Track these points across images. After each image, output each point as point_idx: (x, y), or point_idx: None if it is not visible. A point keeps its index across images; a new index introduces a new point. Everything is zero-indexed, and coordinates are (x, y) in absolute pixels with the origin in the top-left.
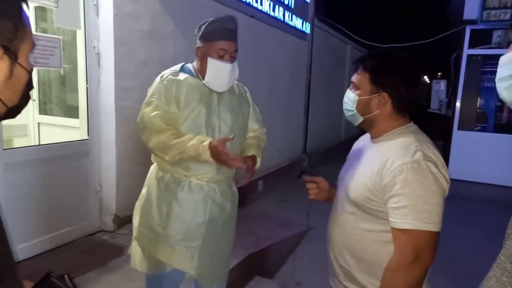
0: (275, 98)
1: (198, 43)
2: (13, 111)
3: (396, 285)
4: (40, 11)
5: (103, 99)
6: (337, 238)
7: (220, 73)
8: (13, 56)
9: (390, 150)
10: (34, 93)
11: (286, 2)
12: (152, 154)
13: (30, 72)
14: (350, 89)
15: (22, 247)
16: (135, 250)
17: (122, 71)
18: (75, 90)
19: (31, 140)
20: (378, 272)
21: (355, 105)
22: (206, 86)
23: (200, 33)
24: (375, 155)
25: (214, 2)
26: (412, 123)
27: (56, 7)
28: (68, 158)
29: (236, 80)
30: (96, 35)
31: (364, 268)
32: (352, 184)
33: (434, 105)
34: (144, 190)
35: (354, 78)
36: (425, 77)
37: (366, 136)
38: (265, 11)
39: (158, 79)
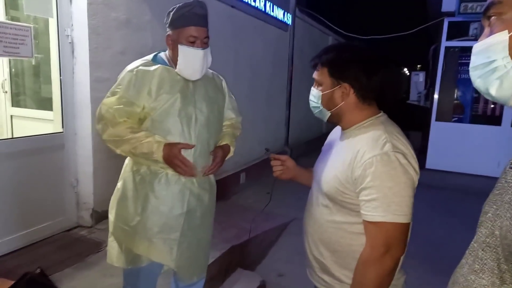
0: (256, 90)
1: (168, 31)
2: None
3: (368, 277)
4: (9, 0)
5: (78, 90)
6: (312, 231)
7: (191, 61)
8: None
9: (360, 142)
10: (6, 85)
11: None
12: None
13: None
14: (314, 87)
15: None
16: (112, 246)
17: (98, 61)
18: (49, 81)
19: (4, 133)
20: (352, 264)
21: (320, 101)
22: (179, 75)
23: (169, 20)
24: (346, 147)
25: None
26: (381, 113)
27: None
28: (42, 152)
29: (212, 70)
30: (70, 23)
31: (339, 260)
32: (324, 177)
33: (413, 97)
34: (119, 184)
35: (315, 75)
36: (405, 69)
37: (338, 129)
38: (246, 1)
39: (128, 68)
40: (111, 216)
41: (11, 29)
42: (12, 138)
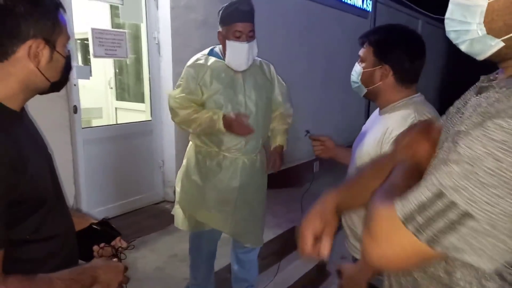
0: (332, 79)
1: (219, 28)
2: (56, 86)
3: None
4: (114, 8)
5: (163, 84)
6: None
7: (238, 53)
8: (52, 46)
9: (391, 120)
10: (111, 82)
11: None
12: (190, 134)
13: (66, 58)
14: (358, 63)
15: (99, 210)
16: (178, 212)
17: (179, 58)
18: (141, 78)
19: (110, 121)
20: None
21: (359, 77)
22: (229, 67)
23: (219, 18)
24: (379, 125)
25: None
26: (418, 94)
27: (121, 4)
28: (135, 137)
29: (283, 60)
30: (156, 27)
31: None
32: (358, 153)
33: None
34: (184, 162)
35: (361, 52)
36: None
37: (377, 110)
38: None
39: (188, 63)
40: (178, 187)
41: (110, 34)
42: (116, 124)
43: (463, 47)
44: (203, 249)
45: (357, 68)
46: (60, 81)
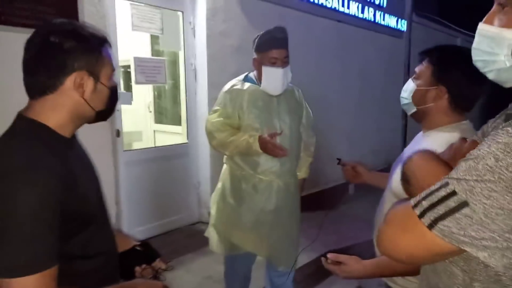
0: (367, 99)
1: (254, 55)
2: (101, 115)
3: None
4: (154, 37)
5: (199, 108)
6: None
7: (273, 78)
8: (96, 77)
9: (433, 144)
10: (151, 106)
11: (377, 2)
12: (224, 157)
13: (111, 89)
14: (412, 79)
15: (139, 230)
16: (212, 235)
17: (215, 83)
18: (178, 102)
19: (149, 144)
20: None
21: (411, 95)
22: (265, 91)
23: (255, 46)
24: (419, 147)
25: (299, 12)
26: (467, 121)
27: (161, 33)
28: (172, 159)
29: (317, 81)
30: (193, 53)
31: None
32: (395, 175)
33: None
34: (219, 184)
35: (417, 68)
36: None
37: (420, 132)
38: (353, 14)
39: (224, 89)
40: (213, 210)
41: (151, 62)
42: (155, 146)
43: (490, 76)
44: (238, 272)
45: (410, 85)
46: (105, 110)
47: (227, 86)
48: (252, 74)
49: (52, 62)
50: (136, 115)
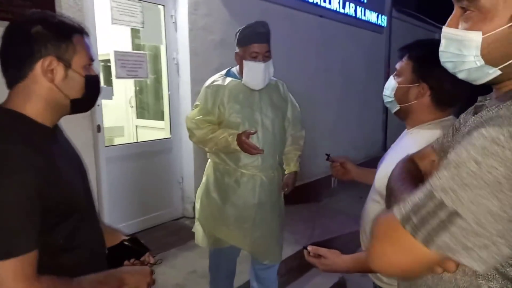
0: (349, 94)
1: (236, 49)
2: (79, 105)
3: None
4: (134, 31)
5: (182, 103)
6: (365, 225)
7: (255, 73)
8: (67, 64)
9: (415, 143)
10: (132, 101)
11: None
12: (207, 152)
13: (87, 77)
14: (393, 76)
15: (121, 226)
16: (197, 229)
17: (198, 78)
18: (161, 97)
19: (131, 139)
20: None
21: (393, 92)
22: (246, 86)
23: (236, 40)
24: (403, 146)
25: (280, 7)
26: (451, 117)
27: (142, 27)
28: (155, 154)
29: (302, 77)
30: (175, 48)
31: None
32: (378, 174)
33: None
34: (204, 179)
35: (398, 65)
36: None
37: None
38: (335, 9)
39: (205, 84)
40: (197, 205)
41: (132, 56)
42: (135, 142)
43: (460, 75)
44: (223, 266)
45: (392, 83)
46: (82, 99)
47: (208, 82)
48: (235, 69)
49: (21, 49)
50: (117, 110)
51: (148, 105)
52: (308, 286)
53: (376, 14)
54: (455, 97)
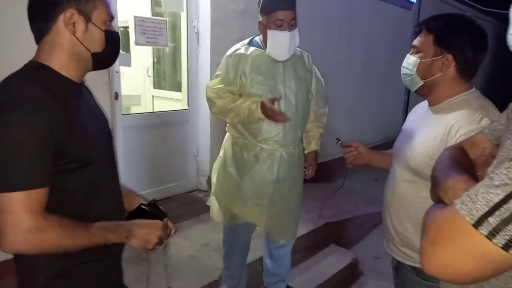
0: (371, 73)
1: (260, 17)
2: (100, 60)
3: None
4: None
5: (200, 74)
6: (395, 206)
7: (279, 43)
8: (87, 17)
9: (453, 117)
10: (149, 70)
11: None
12: (227, 125)
13: (107, 32)
14: (410, 54)
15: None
16: (213, 204)
17: (218, 49)
18: (179, 67)
19: (147, 109)
20: None
21: (415, 68)
22: (270, 57)
23: (260, 8)
24: (437, 123)
25: None
26: (474, 89)
27: None
28: (172, 125)
29: (322, 53)
30: (196, 16)
31: None
32: (412, 153)
33: None
34: (221, 153)
35: (416, 41)
36: None
37: (422, 106)
38: None
39: (227, 53)
40: (214, 179)
41: (152, 22)
42: (153, 112)
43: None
44: (237, 241)
45: (412, 59)
46: (103, 53)
47: (230, 51)
48: (258, 38)
49: (44, 3)
50: (134, 79)
51: (165, 75)
52: (321, 265)
53: None
54: (477, 66)
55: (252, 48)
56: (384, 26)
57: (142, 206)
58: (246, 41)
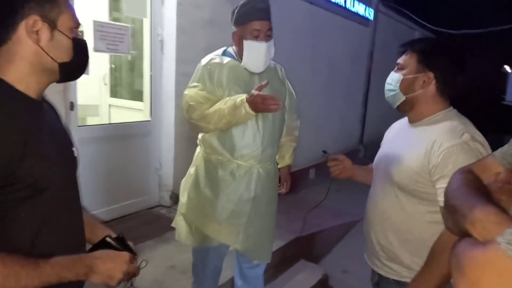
0: (333, 86)
1: (234, 28)
2: (69, 71)
3: (445, 256)
4: (114, 1)
5: (165, 83)
6: (379, 221)
7: (256, 54)
8: (52, 24)
9: (435, 133)
10: (106, 78)
11: None
12: (198, 137)
13: (74, 40)
14: (394, 71)
15: (96, 212)
16: (181, 225)
17: (183, 58)
18: (141, 75)
19: (103, 119)
20: (423, 253)
21: (398, 84)
22: (246, 69)
23: (234, 18)
24: (418, 138)
25: None
26: (451, 108)
27: None
28: (132, 137)
29: (288, 66)
30: (161, 23)
31: (409, 249)
32: (396, 168)
33: (510, 97)
34: (192, 170)
35: (401, 59)
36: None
37: (400, 123)
38: None
39: (202, 63)
40: (183, 198)
41: (113, 28)
42: (110, 123)
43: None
44: (209, 265)
45: (395, 75)
46: (71, 64)
47: (205, 60)
48: (231, 49)
49: (2, 8)
50: (90, 87)
51: (124, 83)
52: (292, 282)
53: (364, 6)
54: (456, 87)
55: (227, 59)
56: (344, 41)
57: (108, 239)
58: (220, 51)
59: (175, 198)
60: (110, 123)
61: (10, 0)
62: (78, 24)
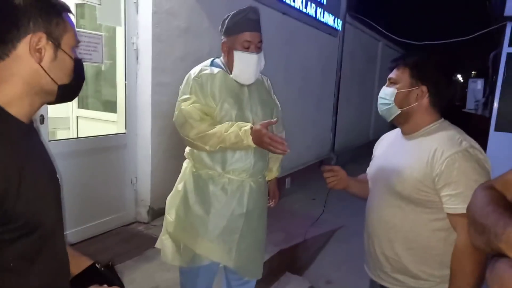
0: (306, 95)
1: (223, 38)
2: (65, 93)
3: (468, 265)
4: (79, 8)
5: (140, 93)
6: (383, 232)
7: (247, 65)
8: (56, 43)
9: (435, 142)
10: None
11: None
12: (186, 150)
13: (75, 61)
14: (387, 86)
15: (66, 234)
16: (166, 244)
17: (159, 67)
18: (114, 85)
19: (74, 133)
20: (430, 260)
21: (393, 98)
22: (235, 80)
23: (224, 28)
24: (417, 149)
25: None
26: (443, 119)
27: (99, 4)
28: (106, 151)
29: (263, 75)
30: (135, 31)
31: (416, 258)
32: (397, 178)
33: (470, 105)
34: (180, 186)
35: (393, 74)
36: (458, 76)
37: (392, 134)
38: (298, 7)
39: (190, 75)
40: (170, 216)
41: (86, 37)
42: (79, 137)
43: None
44: (199, 285)
45: (389, 90)
46: (70, 86)
47: (194, 72)
48: (219, 60)
49: (4, 22)
50: None
51: (95, 94)
52: None
53: (333, 17)
54: (447, 99)
55: (217, 69)
56: (315, 51)
57: (97, 265)
58: (208, 62)
59: (152, 213)
60: (82, 137)
61: (14, 13)
62: (78, 42)
